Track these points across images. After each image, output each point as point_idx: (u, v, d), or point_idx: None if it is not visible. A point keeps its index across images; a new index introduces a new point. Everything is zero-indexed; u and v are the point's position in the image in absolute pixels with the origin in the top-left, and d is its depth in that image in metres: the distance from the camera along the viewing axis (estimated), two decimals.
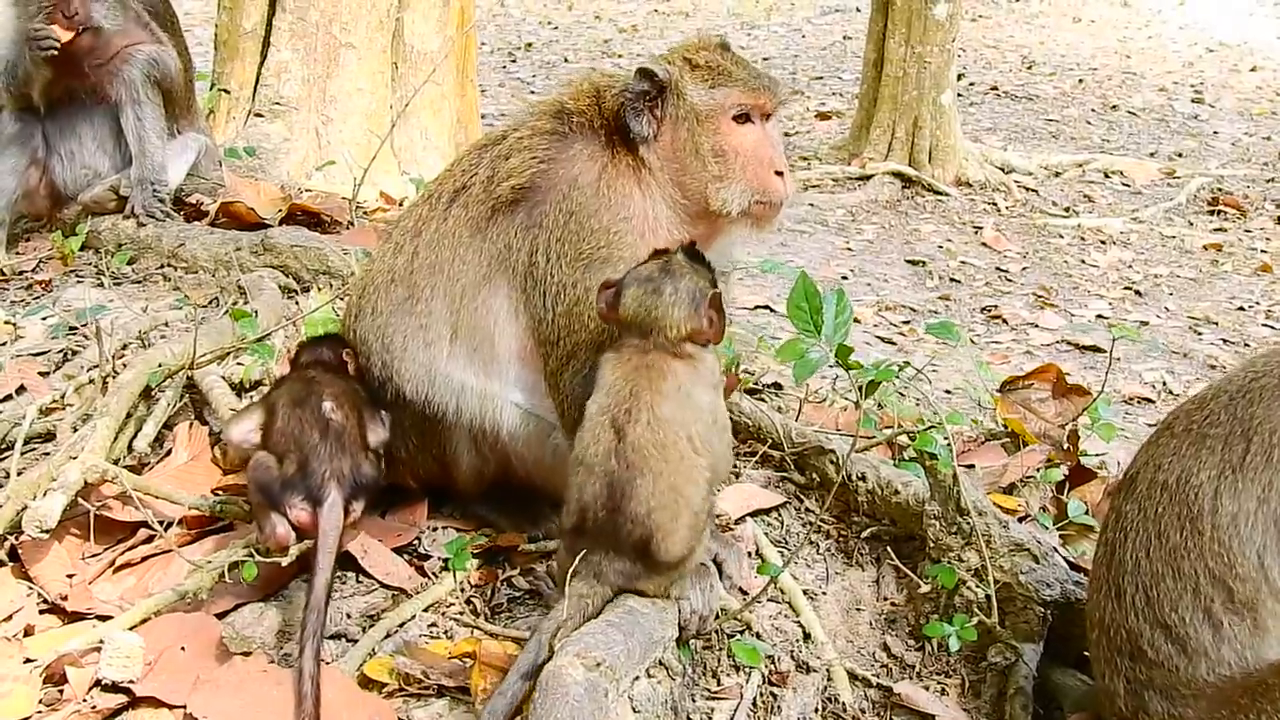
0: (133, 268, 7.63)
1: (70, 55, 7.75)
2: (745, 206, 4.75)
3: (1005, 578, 4.73)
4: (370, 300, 5.04)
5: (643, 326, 4.23)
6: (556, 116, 4.87)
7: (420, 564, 4.92)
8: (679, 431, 4.10)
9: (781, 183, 4.77)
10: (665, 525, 4.07)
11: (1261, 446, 3.91)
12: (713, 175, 4.73)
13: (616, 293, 4.29)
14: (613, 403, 4.16)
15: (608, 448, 4.12)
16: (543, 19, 27.76)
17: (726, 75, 4.77)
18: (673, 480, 4.07)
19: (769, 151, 4.78)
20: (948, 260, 12.91)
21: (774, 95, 4.82)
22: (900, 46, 15.32)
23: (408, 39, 10.11)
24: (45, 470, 4.92)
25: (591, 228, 4.63)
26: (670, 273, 4.24)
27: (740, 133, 4.76)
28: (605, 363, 4.29)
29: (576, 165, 4.73)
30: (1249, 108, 21.34)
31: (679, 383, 4.16)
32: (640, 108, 4.75)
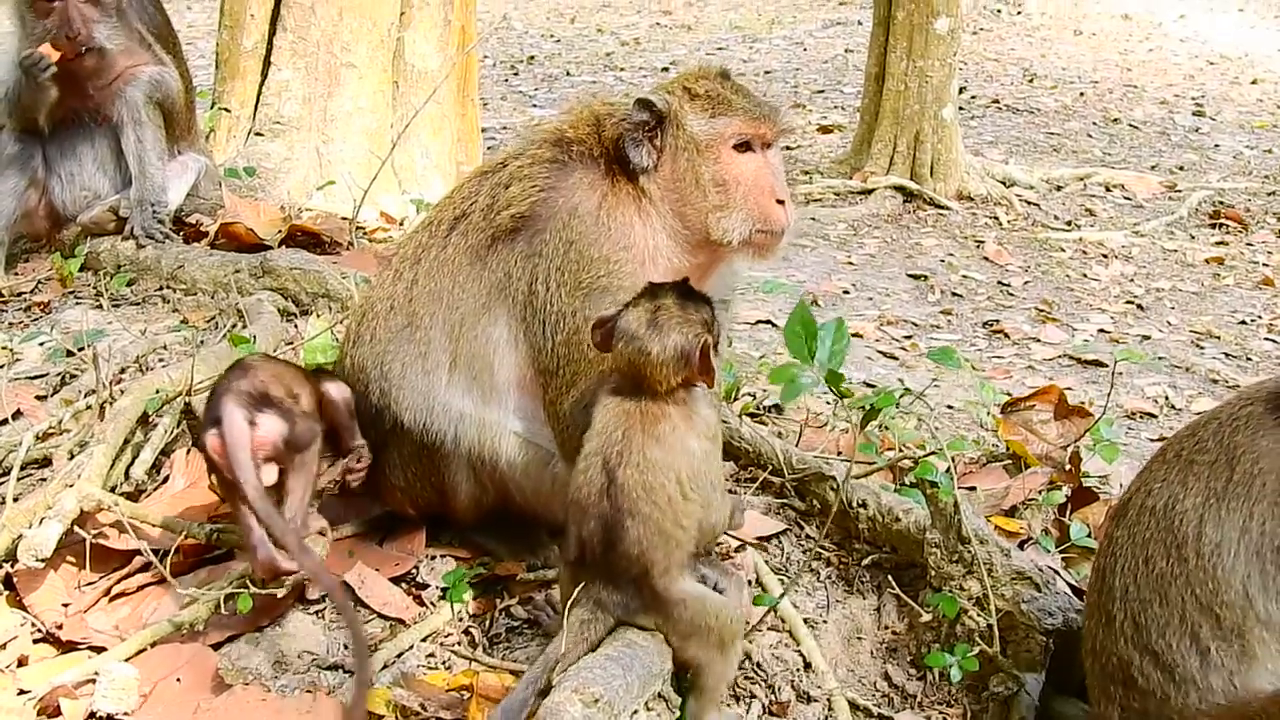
0: (132, 289, 7.61)
1: (74, 76, 7.74)
2: (746, 236, 4.73)
3: (1007, 606, 4.71)
4: (369, 327, 5.02)
5: (635, 378, 4.21)
6: (556, 144, 4.85)
7: (418, 593, 4.91)
8: (667, 474, 4.08)
9: (783, 211, 4.75)
10: (660, 562, 4.06)
11: (1244, 476, 3.92)
12: (713, 205, 4.71)
13: (609, 332, 4.27)
14: (605, 444, 4.14)
15: (600, 488, 4.10)
16: (545, 32, 27.76)
17: (726, 104, 4.75)
18: (660, 524, 4.05)
19: (770, 180, 4.76)
20: (949, 274, 12.89)
21: (774, 124, 4.80)
22: (902, 60, 15.30)
23: (408, 58, 10.09)
24: (41, 498, 4.90)
25: (591, 257, 4.61)
26: (658, 325, 4.18)
27: (741, 162, 4.74)
28: (600, 404, 4.28)
29: (576, 194, 4.71)
30: (1250, 121, 21.32)
31: (673, 425, 4.14)
32: (639, 138, 4.73)
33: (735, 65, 23.17)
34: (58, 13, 7.62)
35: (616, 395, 4.26)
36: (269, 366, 4.80)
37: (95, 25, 7.67)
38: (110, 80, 7.91)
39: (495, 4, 29.88)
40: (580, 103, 5.06)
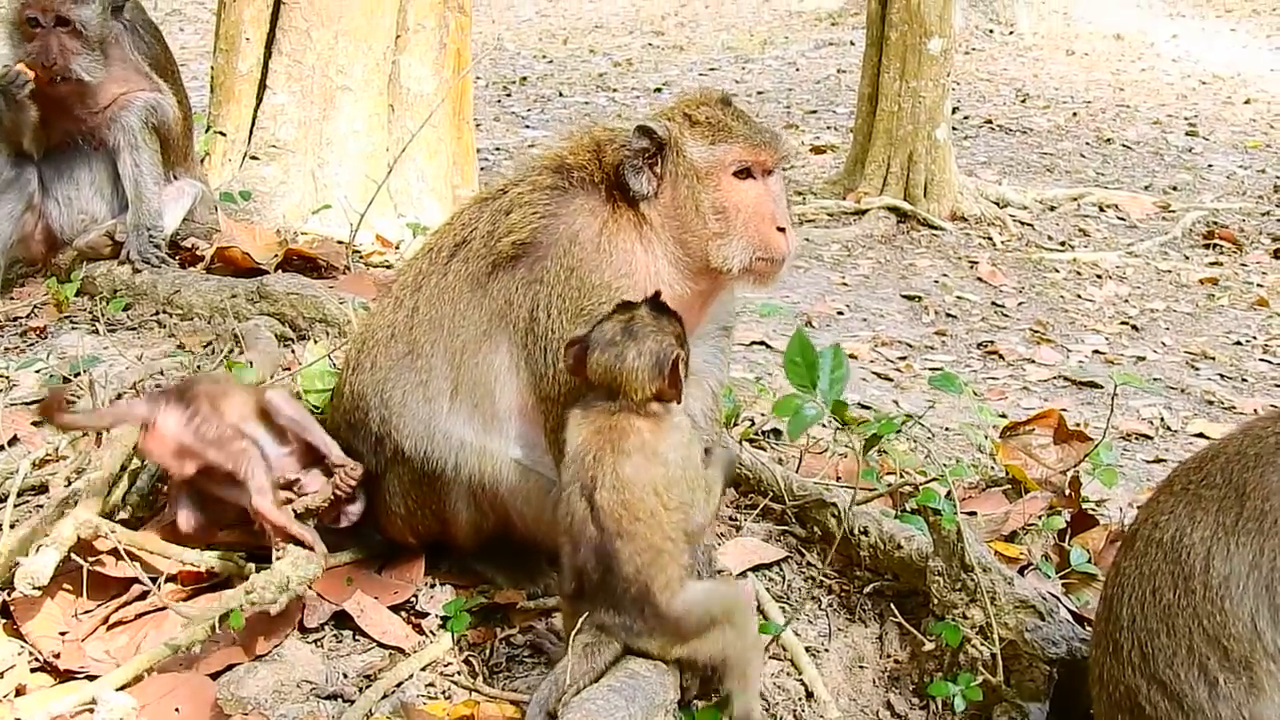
0: (128, 314, 7.59)
1: (59, 102, 7.75)
2: (746, 263, 4.71)
3: (1011, 635, 4.69)
4: (370, 355, 5.01)
5: (609, 389, 4.20)
6: (557, 171, 4.84)
7: (417, 622, 4.89)
8: (645, 490, 4.07)
9: (783, 238, 4.73)
10: (658, 579, 4.04)
11: (1254, 512, 3.91)
12: (713, 232, 4.70)
13: (582, 351, 4.26)
14: (579, 470, 4.14)
15: (583, 516, 4.10)
16: (537, 53, 27.78)
17: (727, 131, 4.74)
18: (648, 537, 4.04)
19: (770, 207, 4.74)
20: (944, 295, 12.88)
21: (775, 151, 4.79)
22: (895, 81, 15.31)
23: (404, 81, 10.09)
24: (38, 525, 4.88)
25: (592, 284, 4.60)
26: (634, 334, 4.19)
27: (741, 189, 4.73)
28: (571, 422, 4.27)
29: (577, 220, 4.71)
30: (1243, 140, 21.35)
31: (642, 440, 4.13)
32: (639, 165, 4.72)
33: (728, 86, 23.27)
34: (39, 39, 7.64)
35: (584, 410, 4.26)
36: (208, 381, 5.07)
37: (74, 56, 7.67)
38: (104, 105, 7.92)
39: (488, 26, 29.93)
40: (581, 129, 5.05)
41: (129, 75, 7.97)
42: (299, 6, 9.73)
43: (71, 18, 7.66)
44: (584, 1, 35.39)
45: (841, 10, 32.22)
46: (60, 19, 7.65)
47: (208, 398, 4.87)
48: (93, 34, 7.73)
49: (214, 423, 4.82)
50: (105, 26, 7.82)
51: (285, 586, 4.65)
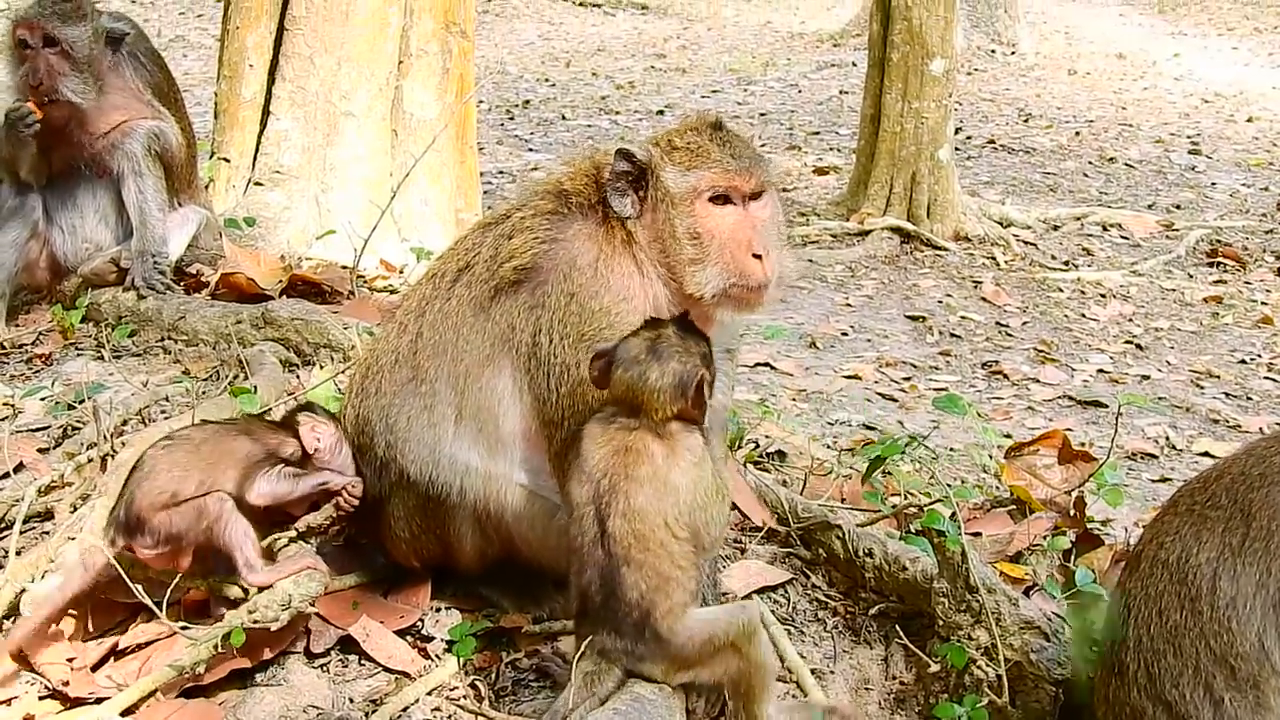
0: (133, 340, 7.61)
1: (56, 129, 7.79)
2: (722, 289, 4.68)
3: (1016, 656, 4.69)
4: (374, 380, 5.02)
5: (630, 406, 4.21)
6: (557, 197, 4.85)
7: (423, 646, 4.89)
8: (655, 519, 4.07)
9: (759, 265, 4.68)
10: (661, 605, 4.05)
11: (1260, 532, 3.92)
12: (689, 258, 4.68)
13: (607, 364, 4.26)
14: (594, 493, 4.14)
15: (593, 538, 4.11)
16: (540, 77, 27.82)
17: (704, 157, 4.70)
18: (656, 566, 4.05)
19: (747, 234, 4.69)
20: (948, 315, 12.88)
21: (752, 176, 4.73)
22: (897, 102, 15.32)
23: (407, 106, 10.13)
24: (44, 551, 4.90)
25: (592, 309, 4.60)
26: (659, 353, 4.19)
27: (717, 215, 4.69)
28: (587, 436, 4.27)
29: (575, 246, 4.71)
30: (1246, 159, 21.34)
31: (654, 468, 4.12)
32: (622, 188, 4.73)
33: (730, 108, 23.35)
34: (30, 60, 7.68)
35: (603, 426, 4.26)
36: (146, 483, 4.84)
37: (62, 79, 7.68)
38: (105, 132, 7.93)
39: (490, 50, 29.98)
40: (582, 154, 5.05)
41: (130, 102, 7.98)
42: (302, 33, 9.76)
43: (59, 38, 7.66)
44: (586, 25, 35.48)
45: (843, 32, 32.29)
46: (48, 39, 7.66)
47: (153, 507, 4.76)
48: (81, 55, 7.71)
49: (174, 519, 4.78)
50: (95, 48, 7.80)
51: (287, 604, 4.69)
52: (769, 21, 36.42)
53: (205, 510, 4.79)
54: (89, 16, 7.81)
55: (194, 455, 4.90)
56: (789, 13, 38.08)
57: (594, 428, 4.27)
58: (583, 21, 36.07)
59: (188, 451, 4.91)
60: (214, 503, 4.81)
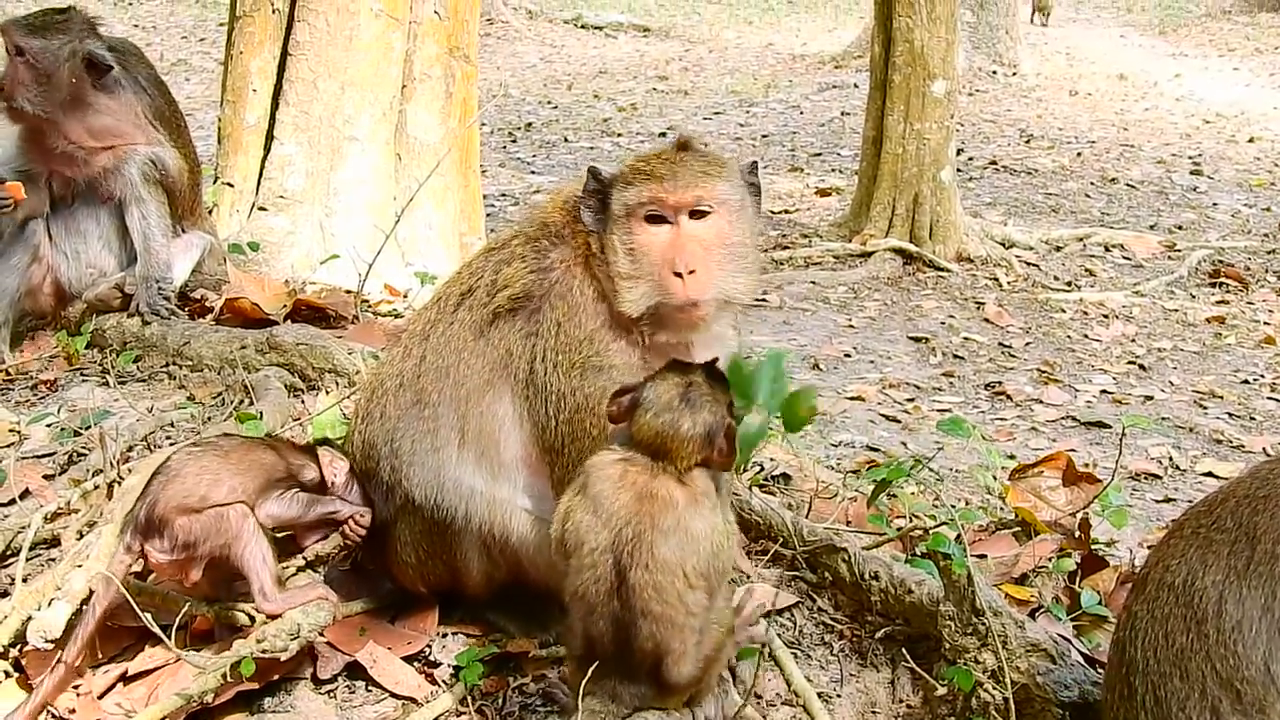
0: (138, 366, 7.62)
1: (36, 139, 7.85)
2: (650, 307, 4.66)
3: (1023, 679, 4.67)
4: (379, 404, 5.03)
5: (655, 451, 4.17)
6: (541, 225, 4.90)
7: (430, 672, 4.89)
8: (675, 571, 4.04)
9: (681, 284, 4.60)
10: (675, 651, 4.05)
11: (1265, 555, 3.90)
12: (622, 274, 4.67)
13: (632, 405, 4.24)
14: (615, 542, 4.08)
15: (610, 588, 4.07)
16: (542, 99, 27.89)
17: (645, 175, 4.68)
18: (672, 617, 4.03)
19: (671, 252, 4.64)
20: (950, 336, 12.89)
21: (686, 192, 4.66)
22: (899, 124, 15.35)
23: (410, 130, 10.14)
24: (50, 578, 4.90)
25: (578, 337, 4.63)
26: (691, 403, 4.15)
27: (650, 233, 4.67)
28: (601, 476, 4.20)
29: (557, 273, 4.75)
30: (1247, 179, 21.38)
31: (677, 517, 4.09)
32: (592, 205, 4.76)
33: (732, 130, 23.39)
34: (7, 68, 7.76)
35: (618, 465, 4.21)
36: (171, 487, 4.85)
37: (21, 88, 7.67)
38: (97, 151, 7.89)
39: (492, 73, 30.07)
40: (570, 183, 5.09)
41: (125, 126, 7.94)
42: (306, 58, 9.78)
43: (23, 47, 7.66)
44: (588, 47, 35.59)
45: (845, 54, 32.39)
46: (17, 48, 7.68)
47: (177, 509, 4.78)
48: (43, 67, 7.68)
49: (195, 526, 4.79)
50: (66, 65, 7.75)
51: (296, 634, 4.69)
52: (771, 43, 36.58)
53: (227, 523, 4.80)
54: (67, 33, 7.77)
55: (223, 461, 4.92)
56: (791, 35, 38.27)
57: (608, 468, 4.21)
58: (585, 44, 36.21)
59: (216, 457, 4.94)
60: (237, 517, 4.81)
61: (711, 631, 4.19)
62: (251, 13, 10.00)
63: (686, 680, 4.12)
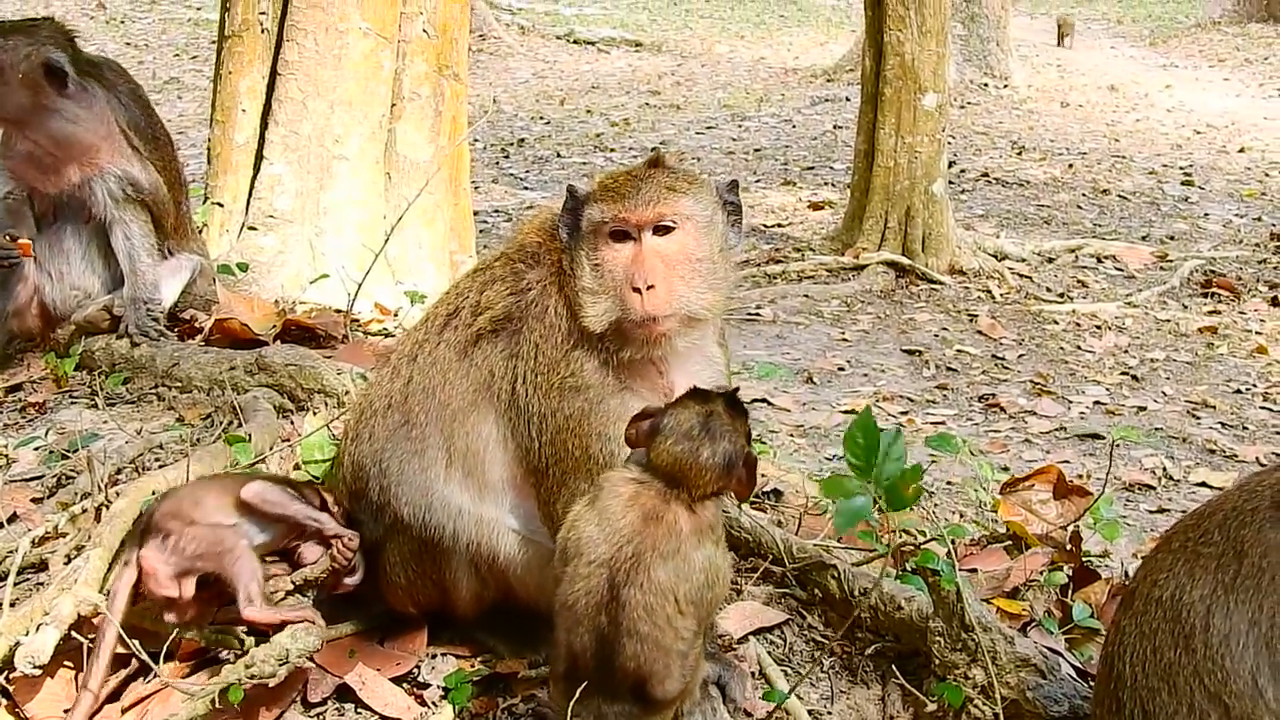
0: (127, 388, 7.58)
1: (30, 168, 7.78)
2: (612, 323, 4.65)
3: (1013, 694, 4.68)
4: (367, 425, 5.04)
5: (672, 478, 4.17)
6: (519, 247, 4.93)
7: (419, 693, 4.88)
8: (668, 596, 4.03)
9: (640, 299, 4.60)
10: (658, 673, 4.04)
11: (1252, 569, 3.90)
12: (586, 290, 4.68)
13: (652, 430, 4.24)
14: (614, 558, 4.07)
15: (599, 601, 4.06)
16: (534, 115, 27.92)
17: (611, 192, 4.69)
18: (659, 640, 4.02)
19: (631, 267, 4.64)
20: (944, 349, 12.90)
21: (648, 209, 4.66)
22: (890, 137, 15.37)
23: (400, 149, 10.13)
24: (38, 603, 4.87)
25: (555, 358, 4.64)
26: (711, 431, 4.16)
27: (613, 249, 4.68)
28: (612, 492, 4.20)
29: (535, 295, 4.77)
30: (1238, 189, 21.41)
31: (679, 544, 4.09)
32: (569, 221, 4.78)
33: (724, 144, 23.41)
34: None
35: (631, 483, 4.21)
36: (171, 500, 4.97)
37: None
38: (65, 162, 7.80)
39: (485, 89, 30.10)
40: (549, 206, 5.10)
41: (92, 140, 7.81)
42: (295, 77, 9.77)
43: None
44: (580, 63, 35.63)
45: (837, 67, 32.44)
46: None
47: (175, 517, 4.86)
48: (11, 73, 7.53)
49: (191, 536, 4.82)
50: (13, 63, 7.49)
51: (284, 659, 4.67)
52: (763, 57, 36.62)
53: (222, 540, 4.84)
54: (30, 37, 7.61)
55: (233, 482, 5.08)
56: (783, 48, 38.32)
57: (622, 486, 4.21)
58: (577, 59, 36.25)
59: (228, 479, 5.14)
60: (231, 536, 4.84)
61: (695, 653, 4.19)
62: (240, 33, 10.00)
63: (672, 696, 4.11)
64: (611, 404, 4.56)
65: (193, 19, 36.61)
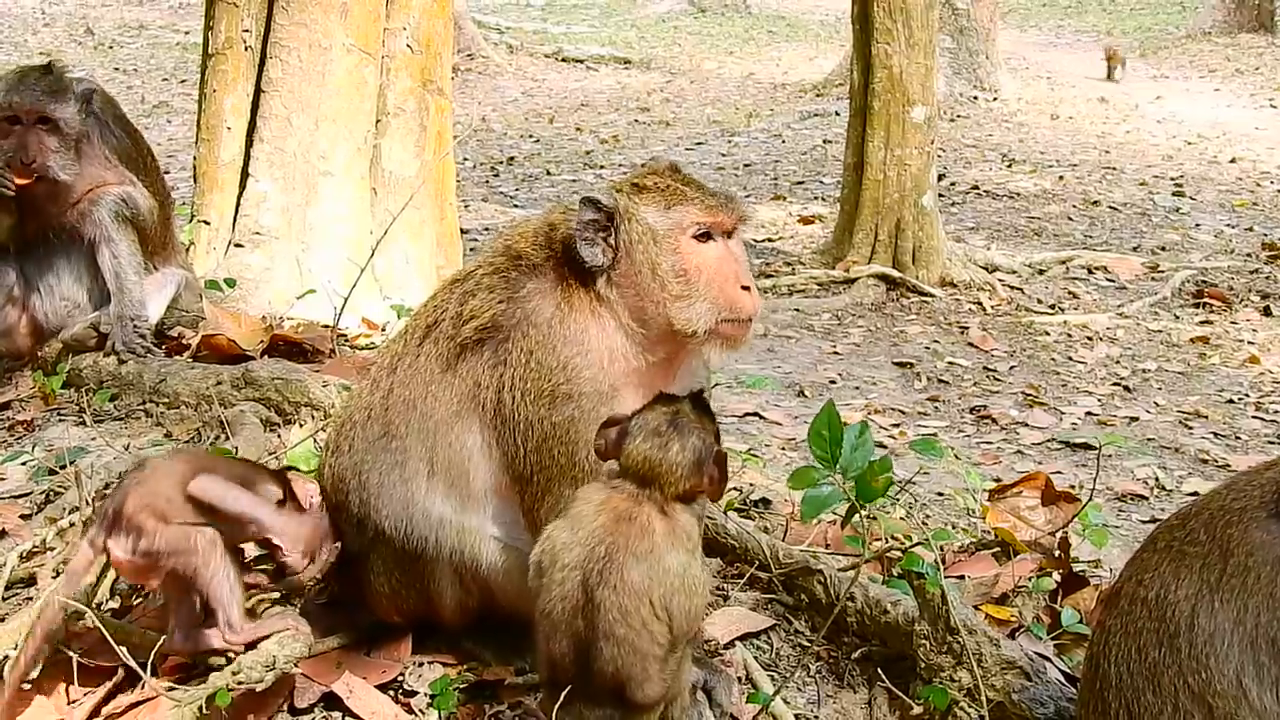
0: (114, 405, 7.59)
1: (30, 200, 7.75)
2: (712, 325, 4.68)
3: (999, 697, 4.67)
4: (347, 437, 5.02)
5: (643, 478, 4.17)
6: (507, 256, 4.88)
7: (406, 701, 4.86)
8: (642, 599, 4.02)
9: (749, 297, 4.72)
10: (636, 677, 4.03)
11: (1237, 569, 3.89)
12: (674, 295, 4.67)
13: (620, 435, 4.24)
14: (587, 559, 4.07)
15: (575, 605, 4.06)
16: (524, 133, 27.95)
17: (680, 195, 4.74)
18: (635, 643, 4.01)
19: (734, 267, 4.74)
20: (935, 361, 12.91)
21: (732, 212, 4.78)
22: (880, 150, 15.39)
23: (385, 165, 10.15)
24: (26, 617, 4.87)
25: (550, 365, 4.61)
26: (679, 428, 4.17)
27: (702, 251, 4.71)
28: (583, 498, 4.22)
29: (530, 304, 4.72)
30: (1229, 199, 21.45)
31: (653, 545, 4.07)
32: (590, 237, 4.71)
33: (714, 159, 23.44)
34: (16, 136, 7.62)
35: (601, 490, 4.22)
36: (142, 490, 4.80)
37: (52, 155, 7.64)
38: (73, 203, 7.86)
39: (474, 107, 30.13)
40: (540, 214, 5.08)
41: (98, 171, 7.92)
42: (279, 94, 9.79)
43: (55, 118, 7.65)
44: (569, 80, 35.69)
45: (826, 81, 32.49)
46: (42, 118, 7.64)
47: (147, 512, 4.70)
48: (71, 132, 7.73)
49: (163, 537, 4.71)
50: (83, 124, 7.81)
51: (272, 665, 4.67)
52: (752, 73, 36.69)
53: (192, 544, 4.73)
54: (72, 90, 7.80)
55: (195, 465, 4.89)
56: (771, 64, 38.38)
57: (594, 493, 4.23)
58: (565, 77, 36.31)
59: (186, 463, 4.90)
60: (205, 542, 4.75)
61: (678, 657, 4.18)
62: (224, 50, 10.02)
63: (653, 699, 4.10)
64: (602, 412, 4.55)
65: (181, 43, 36.64)
